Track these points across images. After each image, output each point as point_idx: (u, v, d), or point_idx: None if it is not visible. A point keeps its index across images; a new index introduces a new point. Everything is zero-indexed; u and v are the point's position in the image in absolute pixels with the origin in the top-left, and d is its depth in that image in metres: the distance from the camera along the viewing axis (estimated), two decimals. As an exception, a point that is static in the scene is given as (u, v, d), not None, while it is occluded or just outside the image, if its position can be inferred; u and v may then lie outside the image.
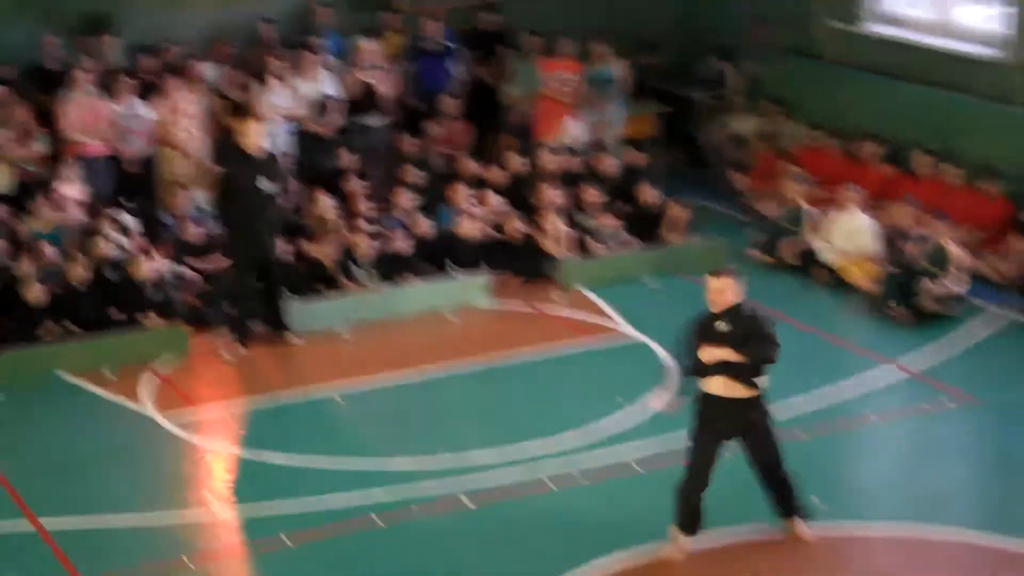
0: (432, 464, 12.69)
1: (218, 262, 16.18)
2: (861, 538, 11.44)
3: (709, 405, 10.96)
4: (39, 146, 16.84)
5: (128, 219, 16.55)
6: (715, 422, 10.98)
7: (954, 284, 15.43)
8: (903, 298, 15.52)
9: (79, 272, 15.20)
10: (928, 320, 15.40)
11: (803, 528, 11.34)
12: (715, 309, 10.85)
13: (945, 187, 17.17)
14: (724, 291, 10.83)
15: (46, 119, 17.17)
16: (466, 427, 13.51)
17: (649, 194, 17.83)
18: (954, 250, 15.49)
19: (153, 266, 15.53)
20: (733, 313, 10.83)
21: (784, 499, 11.32)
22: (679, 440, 12.76)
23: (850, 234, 16.60)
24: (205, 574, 11.15)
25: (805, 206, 17.29)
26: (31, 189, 16.60)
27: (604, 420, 13.39)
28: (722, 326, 10.82)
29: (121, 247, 16.00)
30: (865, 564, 11.11)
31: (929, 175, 17.38)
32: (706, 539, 11.28)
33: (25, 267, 15.19)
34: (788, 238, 17.21)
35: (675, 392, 12.05)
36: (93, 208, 16.69)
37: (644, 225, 17.60)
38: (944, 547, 11.29)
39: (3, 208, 16.43)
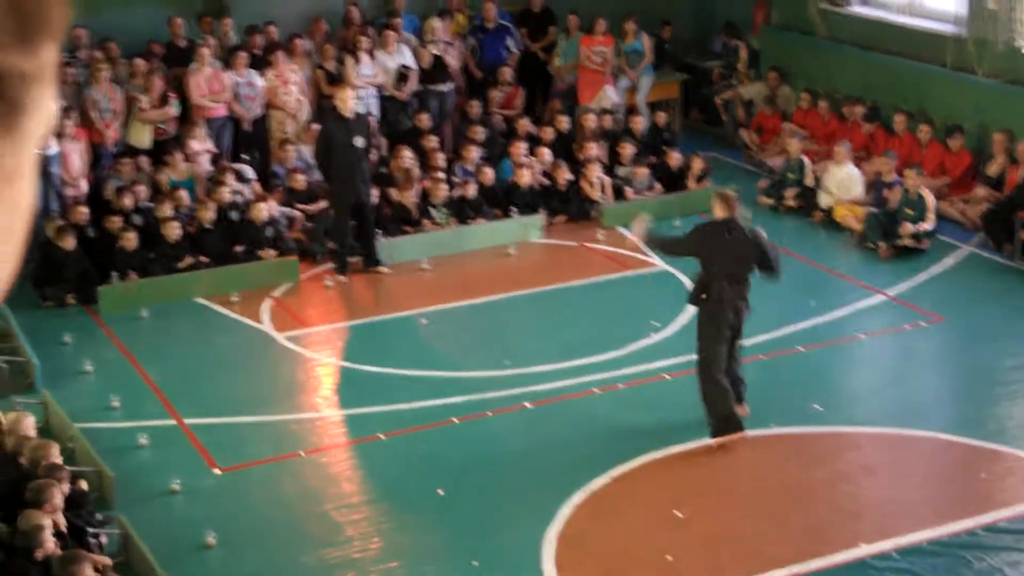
0: (499, 374, 12.76)
1: (320, 206, 16.25)
2: (852, 435, 11.49)
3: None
4: (173, 110, 16.85)
5: (247, 170, 16.60)
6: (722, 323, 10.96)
7: (927, 224, 15.36)
8: (884, 236, 15.46)
9: (208, 214, 15.28)
10: (905, 254, 15.34)
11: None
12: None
13: (918, 142, 17.06)
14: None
15: (177, 87, 17.18)
16: (526, 343, 13.56)
17: (673, 148, 17.77)
18: (927, 195, 15.41)
19: (267, 209, 15.58)
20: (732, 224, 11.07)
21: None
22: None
23: (841, 182, 16.52)
24: (317, 464, 11.29)
25: (803, 159, 17.21)
26: (165, 145, 16.65)
27: (640, 338, 13.42)
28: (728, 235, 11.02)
29: (241, 193, 16.07)
30: (855, 458, 11.14)
31: (905, 132, 17.26)
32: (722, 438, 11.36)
33: (165, 209, 15.28)
34: (789, 186, 17.15)
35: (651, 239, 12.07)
36: (217, 161, 16.77)
37: (669, 174, 17.57)
38: (920, 443, 11.33)
39: (145, 160, 16.49)
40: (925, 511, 10.27)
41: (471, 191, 16.41)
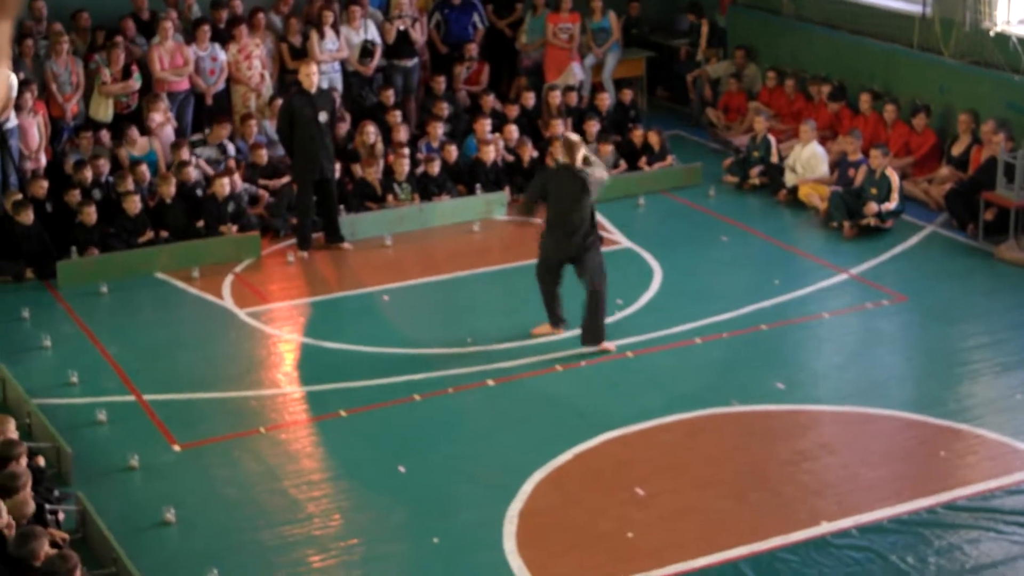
0: (461, 351, 12.74)
1: (283, 181, 16.17)
2: (813, 414, 11.51)
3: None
4: (135, 83, 16.72)
5: (229, 145, 16.50)
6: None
7: (892, 204, 15.40)
8: (849, 215, 15.49)
9: (169, 189, 15.18)
10: (869, 233, 15.37)
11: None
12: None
13: (884, 122, 17.09)
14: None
15: (139, 61, 17.05)
16: (489, 320, 13.52)
17: (639, 134, 17.75)
18: (892, 175, 15.44)
19: (229, 184, 15.49)
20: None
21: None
22: (665, 333, 12.95)
23: (806, 161, 16.53)
24: (277, 441, 11.26)
25: (768, 137, 17.22)
26: (125, 119, 16.52)
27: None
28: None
29: (203, 169, 15.98)
30: (816, 436, 11.17)
31: (871, 112, 17.29)
32: (683, 416, 11.42)
33: (126, 184, 15.18)
34: (754, 164, 17.16)
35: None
36: (179, 135, 16.68)
37: (633, 151, 17.56)
38: (881, 422, 11.37)
39: (105, 135, 16.38)
40: (885, 489, 10.30)
41: (435, 168, 16.36)
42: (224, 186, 15.36)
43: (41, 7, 17.21)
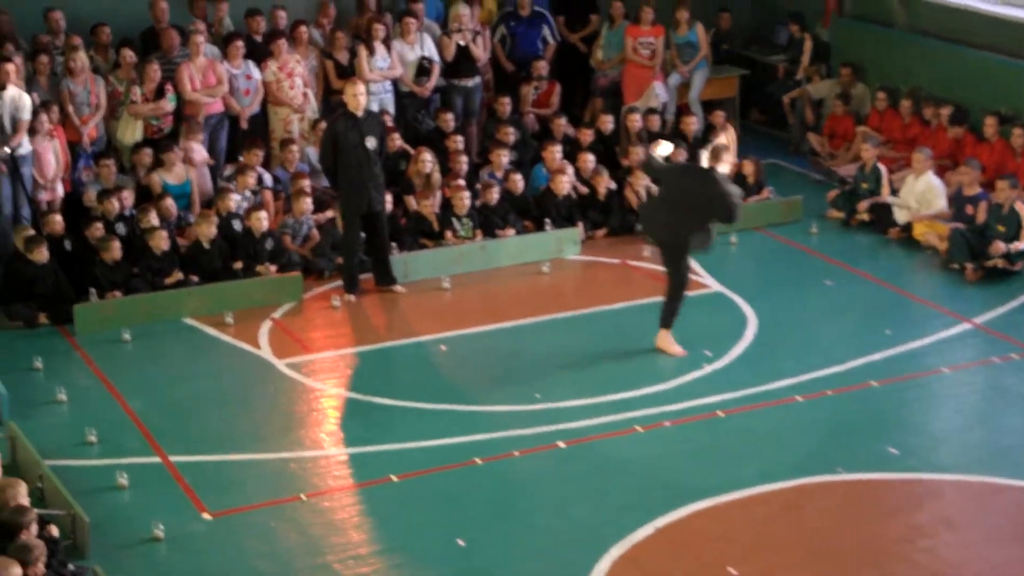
0: (529, 409, 12.74)
1: (327, 215, 16.28)
2: (931, 484, 11.42)
3: None
4: (168, 104, 16.90)
5: (266, 175, 16.66)
6: None
7: (1022, 243, 15.28)
8: (972, 255, 15.41)
9: (209, 230, 15.29)
10: (995, 276, 15.27)
11: None
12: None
13: (1012, 149, 16.99)
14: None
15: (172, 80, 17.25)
16: (559, 374, 13.50)
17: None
18: (1022, 210, 15.33)
19: (267, 217, 15.62)
20: None
21: None
22: (761, 390, 12.91)
23: (921, 194, 16.47)
24: (320, 510, 11.27)
25: (879, 167, 17.17)
26: (155, 144, 16.70)
27: (690, 370, 13.40)
28: None
29: (246, 200, 16.13)
30: (936, 509, 11.08)
31: (996, 138, 17.20)
32: (782, 485, 11.37)
33: (152, 218, 15.33)
34: (862, 197, 17.10)
35: None
36: (211, 165, 16.89)
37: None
38: (1011, 493, 11.26)
39: (147, 153, 16.48)
40: (1016, 572, 10.19)
41: (494, 196, 16.42)
42: (262, 220, 15.49)
43: (58, 19, 17.46)
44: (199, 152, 16.67)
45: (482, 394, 13.12)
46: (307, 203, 16.07)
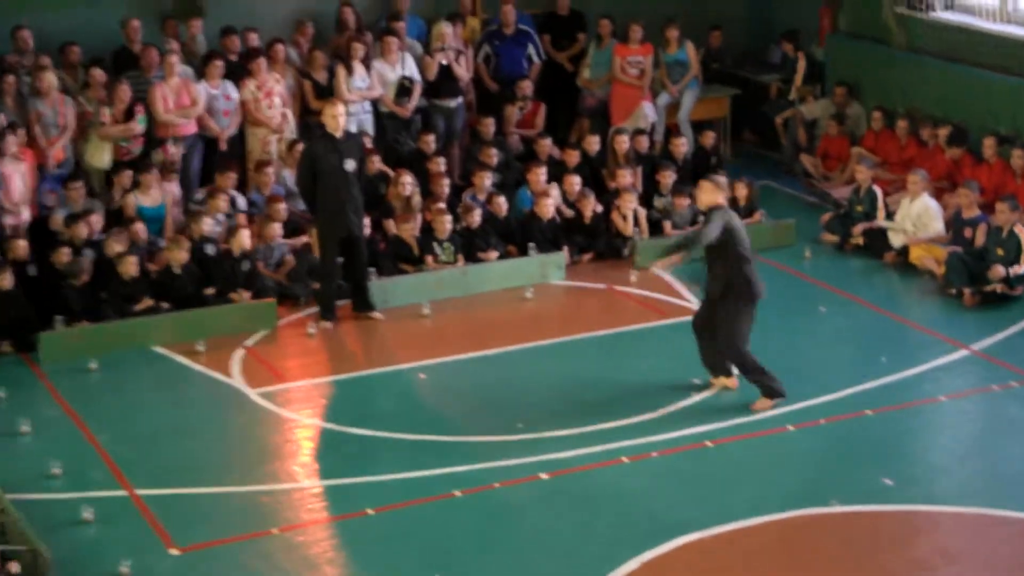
0: (511, 439, 12.68)
1: (303, 240, 16.21)
2: (929, 516, 11.37)
3: None
4: (138, 125, 16.84)
5: (239, 197, 16.60)
6: None
7: (1022, 267, 15.24)
8: (970, 280, 15.36)
9: (180, 255, 15.23)
10: (994, 302, 15.23)
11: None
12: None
13: (1012, 171, 16.96)
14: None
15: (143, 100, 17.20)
16: (543, 403, 13.45)
17: (719, 173, 17.71)
18: (1022, 234, 15.29)
19: (244, 242, 15.55)
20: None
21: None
22: (751, 420, 12.85)
23: (917, 217, 16.45)
24: (293, 545, 11.18)
25: (874, 189, 17.14)
26: (124, 167, 16.64)
27: (678, 399, 13.33)
28: None
29: (219, 224, 16.06)
30: (933, 542, 11.03)
31: (996, 159, 17.17)
32: (773, 518, 11.30)
33: (119, 244, 15.25)
34: (857, 220, 17.07)
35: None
36: (185, 187, 16.82)
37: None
38: (1012, 525, 11.20)
39: (127, 176, 16.44)
40: (1016, 607, 10.13)
41: (475, 219, 16.38)
42: (244, 238, 15.47)
43: (27, 37, 17.42)
44: (172, 172, 16.67)
45: (462, 424, 13.07)
46: (276, 228, 16.00)
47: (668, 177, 17.60)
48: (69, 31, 17.79)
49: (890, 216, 16.86)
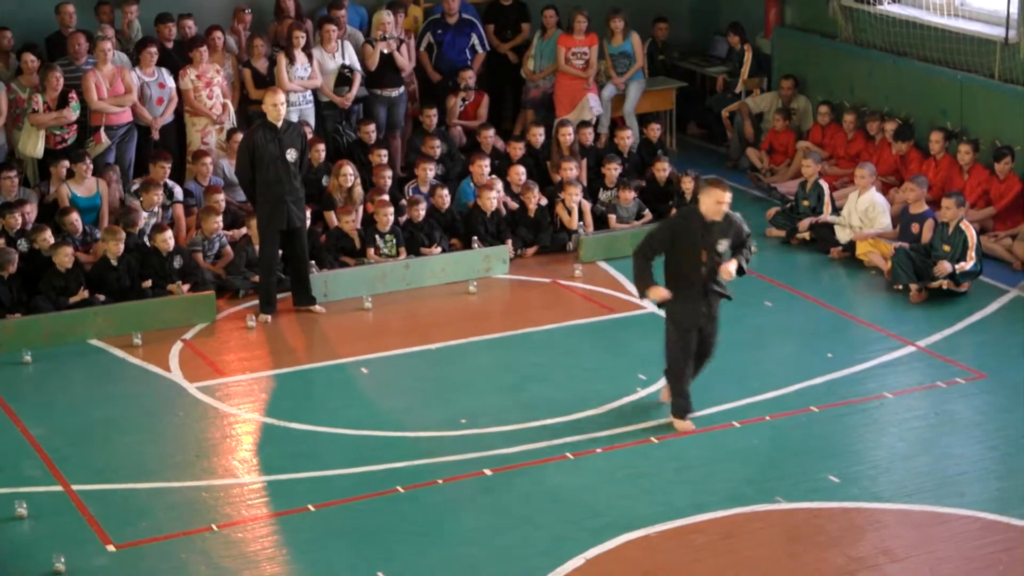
0: (454, 434, 12.73)
1: (242, 231, 16.22)
2: (873, 513, 11.45)
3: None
4: (72, 113, 16.79)
5: (177, 189, 16.57)
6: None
7: (967, 263, 15.40)
8: (916, 276, 15.51)
9: (116, 247, 15.22)
10: (940, 297, 15.38)
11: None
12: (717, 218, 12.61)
13: (959, 166, 17.14)
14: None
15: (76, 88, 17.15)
16: (486, 399, 13.51)
17: (663, 169, 17.87)
18: (968, 229, 15.46)
19: (171, 238, 15.55)
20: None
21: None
22: (696, 415, 12.92)
23: (864, 212, 16.57)
24: (233, 541, 11.20)
25: (821, 183, 17.27)
26: (57, 155, 16.59)
27: (624, 395, 13.43)
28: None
29: (154, 216, 16.04)
30: (878, 539, 11.10)
31: (943, 154, 17.35)
32: (718, 514, 11.40)
33: (48, 236, 15.21)
34: (803, 215, 17.20)
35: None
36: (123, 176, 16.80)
37: (659, 199, 17.64)
38: (956, 523, 11.30)
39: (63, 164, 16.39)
40: (960, 604, 10.26)
41: (419, 212, 16.41)
42: (168, 241, 15.43)
43: (-41, 23, 17.37)
44: (108, 161, 16.64)
45: (405, 419, 13.09)
46: (216, 221, 16.00)
47: (613, 170, 17.70)
48: (1, 16, 17.72)
49: (837, 211, 17.02)
